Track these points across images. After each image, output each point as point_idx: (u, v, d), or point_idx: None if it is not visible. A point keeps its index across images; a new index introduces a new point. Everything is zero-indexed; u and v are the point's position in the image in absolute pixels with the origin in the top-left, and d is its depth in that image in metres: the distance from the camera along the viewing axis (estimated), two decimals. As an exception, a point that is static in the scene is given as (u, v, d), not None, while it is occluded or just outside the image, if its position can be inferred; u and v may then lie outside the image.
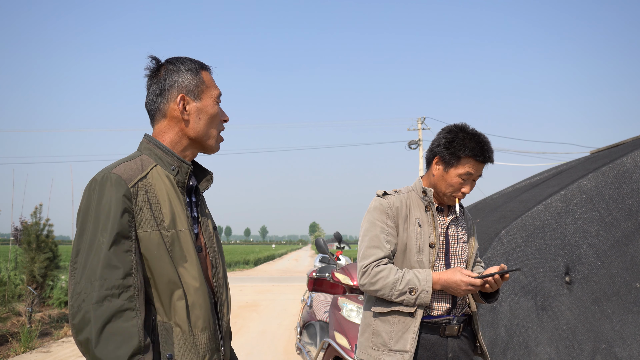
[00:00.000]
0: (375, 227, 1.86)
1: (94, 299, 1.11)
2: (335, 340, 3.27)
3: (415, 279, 1.78)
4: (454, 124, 1.91)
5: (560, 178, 3.87)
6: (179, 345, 1.21)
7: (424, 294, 1.77)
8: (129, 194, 1.19)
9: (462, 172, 1.84)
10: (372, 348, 1.86)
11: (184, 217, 1.28)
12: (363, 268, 1.83)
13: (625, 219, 3.20)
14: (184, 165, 1.31)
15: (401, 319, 1.82)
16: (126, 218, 1.18)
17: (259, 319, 8.22)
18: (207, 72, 1.38)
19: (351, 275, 3.78)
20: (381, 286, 1.79)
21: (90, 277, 1.13)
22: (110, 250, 1.14)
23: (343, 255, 5.69)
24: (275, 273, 20.93)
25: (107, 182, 1.19)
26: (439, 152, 1.88)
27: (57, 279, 8.64)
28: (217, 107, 1.38)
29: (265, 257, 34.68)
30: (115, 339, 1.10)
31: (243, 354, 5.67)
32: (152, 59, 1.36)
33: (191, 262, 1.26)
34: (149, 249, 1.21)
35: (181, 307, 1.22)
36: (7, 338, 5.96)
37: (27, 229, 8.48)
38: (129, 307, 1.14)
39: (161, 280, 1.21)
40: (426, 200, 1.92)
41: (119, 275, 1.14)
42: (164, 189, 1.26)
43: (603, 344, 3.03)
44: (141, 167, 1.26)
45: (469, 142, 1.83)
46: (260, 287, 13.95)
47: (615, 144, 4.53)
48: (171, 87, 1.33)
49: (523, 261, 3.10)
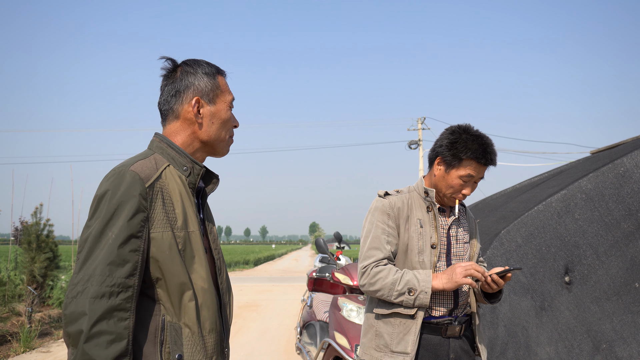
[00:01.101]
0: (377, 228, 1.86)
1: (92, 294, 1.09)
2: (335, 340, 3.27)
3: (414, 279, 1.77)
4: (458, 125, 1.89)
5: (560, 178, 3.87)
6: (188, 346, 1.21)
7: (423, 295, 1.76)
8: (144, 192, 1.19)
9: (463, 173, 1.82)
10: (375, 349, 1.85)
11: (194, 218, 1.28)
12: (362, 269, 1.84)
13: (625, 219, 3.20)
14: (196, 166, 1.32)
15: (402, 321, 1.81)
16: (139, 217, 1.17)
17: (259, 319, 8.22)
18: (222, 77, 1.39)
19: (351, 275, 3.78)
20: (380, 286, 1.79)
21: (91, 270, 1.11)
22: (117, 247, 1.13)
23: (343, 255, 5.69)
24: (275, 273, 20.92)
25: (125, 177, 1.18)
26: (441, 152, 1.87)
27: (57, 279, 8.64)
28: (230, 112, 1.38)
29: (265, 257, 34.66)
30: (105, 337, 1.08)
31: (243, 354, 5.67)
32: (167, 59, 1.36)
33: (200, 263, 1.26)
34: (162, 250, 1.20)
35: (191, 308, 1.22)
36: (7, 338, 5.95)
37: (27, 229, 8.48)
38: (124, 308, 1.12)
39: (172, 281, 1.20)
40: (428, 201, 1.91)
41: (122, 273, 1.13)
42: (176, 190, 1.26)
43: (603, 344, 3.03)
44: (156, 167, 1.25)
45: (472, 144, 1.80)
46: (260, 287, 13.95)
47: (615, 144, 4.54)
48: (187, 89, 1.33)
49: (523, 261, 3.10)
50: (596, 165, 3.46)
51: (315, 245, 5.12)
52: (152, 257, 1.19)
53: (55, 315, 7.70)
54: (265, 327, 7.38)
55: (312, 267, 6.52)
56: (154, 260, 1.19)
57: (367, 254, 1.85)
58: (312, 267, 5.84)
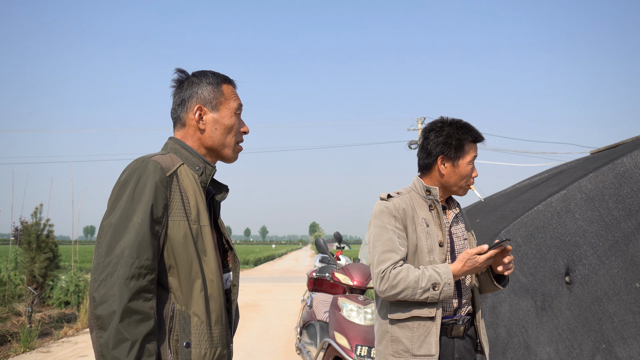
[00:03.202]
0: (387, 231, 1.84)
1: (123, 275, 1.14)
2: (335, 340, 3.26)
3: (435, 274, 1.75)
4: (431, 124, 1.96)
5: (560, 178, 3.87)
6: (196, 334, 1.25)
7: (447, 287, 1.74)
8: (165, 181, 1.26)
9: (470, 158, 1.89)
10: (393, 355, 1.82)
11: (205, 214, 1.35)
12: (381, 273, 1.78)
13: (625, 219, 3.20)
14: (208, 166, 1.40)
15: (422, 323, 1.79)
16: (161, 203, 1.24)
17: (259, 319, 8.22)
18: (228, 86, 1.46)
19: (351, 275, 3.78)
20: (403, 287, 1.74)
21: (120, 252, 1.16)
22: (143, 230, 1.19)
23: (343, 255, 5.68)
24: (275, 273, 20.92)
25: (148, 166, 1.26)
26: (441, 151, 1.89)
27: (57, 279, 8.64)
28: (234, 119, 1.44)
29: (265, 257, 34.67)
30: (135, 317, 1.14)
31: (243, 354, 5.67)
32: (179, 71, 1.46)
33: (210, 256, 1.32)
34: (177, 238, 1.26)
35: (201, 297, 1.27)
36: (7, 338, 5.95)
37: (27, 229, 8.49)
38: (150, 290, 1.18)
39: (184, 269, 1.26)
40: (430, 199, 1.92)
41: (148, 256, 1.19)
42: (190, 186, 1.33)
43: (603, 344, 3.03)
44: (172, 162, 1.33)
45: (462, 130, 1.89)
46: (260, 287, 13.95)
47: (615, 144, 4.53)
48: (190, 98, 1.42)
49: (523, 261, 3.10)
50: (596, 165, 3.46)
51: (315, 245, 5.12)
52: (168, 244, 1.25)
53: (55, 316, 7.70)
54: (265, 327, 7.38)
55: (312, 267, 6.51)
56: (169, 247, 1.25)
57: (382, 258, 1.80)
58: (312, 267, 5.84)
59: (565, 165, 4.89)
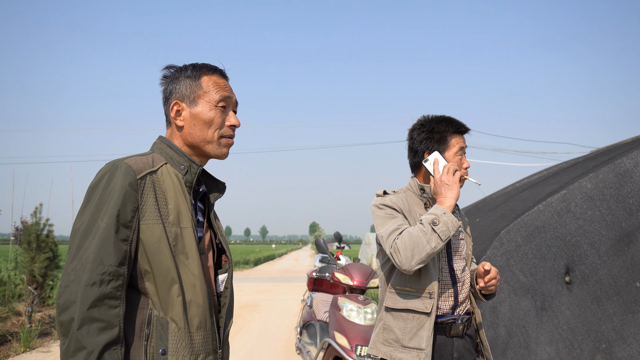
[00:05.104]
0: (390, 217, 1.84)
1: (85, 281, 1.10)
2: (335, 340, 3.26)
3: (427, 216, 1.72)
4: (414, 124, 1.99)
5: (561, 177, 3.87)
6: (174, 341, 1.20)
7: (446, 215, 1.70)
8: (135, 184, 1.20)
9: (456, 149, 1.88)
10: (382, 343, 1.82)
11: (188, 216, 1.28)
12: (390, 248, 1.73)
13: (626, 219, 3.20)
14: (193, 165, 1.34)
15: (416, 316, 1.79)
16: (129, 207, 1.18)
17: (259, 319, 8.22)
18: (211, 77, 1.37)
19: (351, 275, 3.78)
20: (414, 243, 1.67)
21: (84, 258, 1.12)
22: (108, 235, 1.14)
23: (343, 255, 5.69)
24: (275, 273, 20.92)
25: (118, 169, 1.21)
26: (425, 147, 1.90)
27: (57, 278, 8.64)
28: (214, 112, 1.34)
29: (265, 257, 34.65)
30: (96, 325, 1.09)
31: (243, 354, 5.67)
32: (166, 68, 1.40)
33: (192, 260, 1.26)
34: (150, 242, 1.20)
35: (179, 303, 1.21)
36: (7, 338, 5.95)
37: (28, 228, 8.48)
38: (115, 296, 1.12)
39: (160, 274, 1.20)
40: (425, 197, 1.93)
41: (113, 261, 1.13)
42: (171, 186, 1.28)
43: (603, 344, 3.03)
44: (152, 163, 1.28)
45: (443, 124, 1.89)
46: (260, 287, 13.94)
47: (615, 144, 4.53)
48: (171, 95, 1.36)
49: (523, 261, 3.10)
50: (596, 165, 3.46)
51: (315, 245, 5.12)
52: (141, 249, 1.20)
53: (55, 315, 7.69)
54: (265, 327, 7.38)
55: (312, 267, 6.51)
56: (143, 251, 1.20)
57: (390, 235, 1.76)
58: (312, 267, 5.84)
59: (565, 164, 4.89)
